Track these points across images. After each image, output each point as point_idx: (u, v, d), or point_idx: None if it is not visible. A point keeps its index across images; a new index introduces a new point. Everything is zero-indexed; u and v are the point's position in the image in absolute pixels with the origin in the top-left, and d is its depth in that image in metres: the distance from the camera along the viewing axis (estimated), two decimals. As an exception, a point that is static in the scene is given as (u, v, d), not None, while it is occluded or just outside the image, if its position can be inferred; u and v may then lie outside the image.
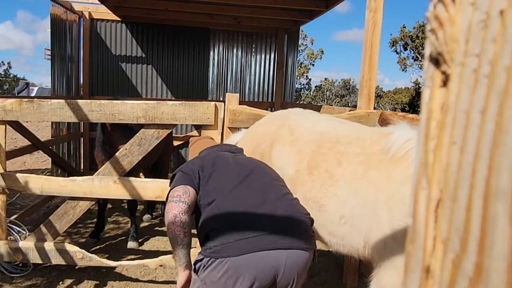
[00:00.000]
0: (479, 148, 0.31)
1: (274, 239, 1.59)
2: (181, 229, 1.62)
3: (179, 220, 1.62)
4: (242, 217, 1.65)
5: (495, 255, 0.29)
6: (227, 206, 1.68)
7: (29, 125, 10.92)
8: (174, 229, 1.61)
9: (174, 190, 1.70)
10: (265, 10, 5.54)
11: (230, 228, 1.62)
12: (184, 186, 1.70)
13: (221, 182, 1.76)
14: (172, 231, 1.62)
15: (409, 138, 1.87)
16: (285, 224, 1.67)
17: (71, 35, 5.86)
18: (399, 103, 24.58)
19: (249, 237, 1.57)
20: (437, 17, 0.34)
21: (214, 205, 1.68)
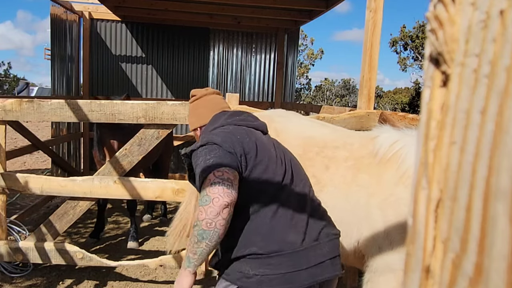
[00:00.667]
0: (479, 148, 0.31)
1: (320, 270, 1.41)
2: (225, 223, 1.29)
3: (227, 213, 1.28)
4: (292, 238, 1.39)
5: (495, 255, 0.29)
6: (277, 224, 1.39)
7: (29, 125, 10.92)
8: (217, 221, 1.26)
9: (223, 171, 1.31)
10: (265, 10, 5.54)
11: (280, 253, 1.36)
12: (233, 171, 1.34)
13: (269, 183, 1.44)
14: (212, 223, 1.26)
15: (395, 140, 1.88)
16: (329, 252, 1.45)
17: (71, 35, 5.86)
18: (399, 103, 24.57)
19: (302, 269, 1.36)
20: (437, 17, 0.34)
21: (256, 215, 1.40)
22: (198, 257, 1.33)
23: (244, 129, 1.54)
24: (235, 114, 1.62)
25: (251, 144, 1.46)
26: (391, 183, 1.79)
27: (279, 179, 1.46)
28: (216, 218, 1.27)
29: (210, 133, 1.52)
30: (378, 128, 2.05)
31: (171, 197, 2.82)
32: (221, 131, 1.49)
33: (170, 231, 2.52)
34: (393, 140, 1.88)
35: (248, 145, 1.45)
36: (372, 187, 1.84)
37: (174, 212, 5.17)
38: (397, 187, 1.76)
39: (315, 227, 1.47)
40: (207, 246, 1.30)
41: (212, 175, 1.31)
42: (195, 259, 1.34)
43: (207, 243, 1.30)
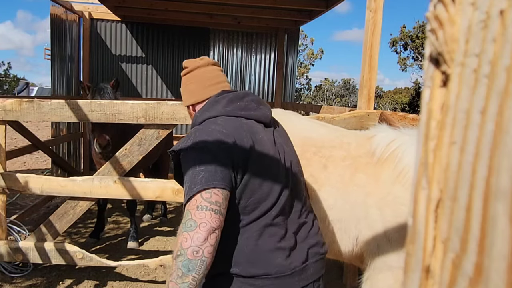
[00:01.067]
0: (479, 148, 0.31)
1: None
2: (212, 251, 1.13)
3: (215, 238, 1.13)
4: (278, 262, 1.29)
5: (495, 255, 0.29)
6: (264, 244, 1.28)
7: (29, 125, 10.92)
8: (205, 248, 1.10)
9: (211, 193, 1.16)
10: (265, 10, 5.54)
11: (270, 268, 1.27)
12: (224, 191, 1.18)
13: (262, 199, 1.29)
14: (199, 251, 1.10)
15: (391, 139, 1.89)
16: (313, 274, 1.36)
17: (71, 35, 5.86)
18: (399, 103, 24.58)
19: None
20: (437, 17, 0.34)
21: (243, 232, 1.28)
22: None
23: (242, 124, 1.34)
24: (236, 99, 1.40)
25: (248, 149, 1.27)
26: (388, 182, 1.80)
27: (274, 196, 1.30)
28: (204, 245, 1.10)
29: (204, 126, 1.32)
30: (375, 128, 2.06)
31: (171, 197, 2.82)
32: (216, 130, 1.28)
33: None
34: (390, 139, 1.89)
35: (245, 152, 1.26)
36: (370, 186, 1.85)
37: (174, 212, 5.19)
38: (394, 186, 1.78)
39: (304, 246, 1.36)
40: (194, 279, 1.10)
41: (200, 196, 1.15)
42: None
43: (194, 276, 1.10)
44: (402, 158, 1.77)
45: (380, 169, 1.85)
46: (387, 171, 1.82)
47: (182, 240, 1.12)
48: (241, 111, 1.38)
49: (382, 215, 1.79)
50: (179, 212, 5.19)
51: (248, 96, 1.45)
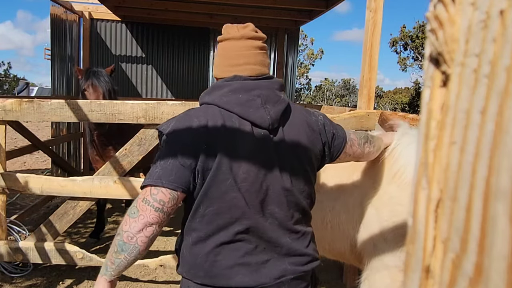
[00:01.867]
0: (479, 148, 0.31)
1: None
2: (147, 242, 1.19)
3: (151, 232, 1.18)
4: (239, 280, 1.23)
5: (495, 255, 0.29)
6: (224, 260, 1.23)
7: (29, 125, 10.92)
8: (139, 237, 1.17)
9: (159, 190, 1.17)
10: (265, 10, 5.54)
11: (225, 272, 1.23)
12: (173, 191, 1.18)
13: (222, 211, 1.23)
14: (133, 238, 1.17)
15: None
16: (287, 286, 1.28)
17: (71, 35, 5.86)
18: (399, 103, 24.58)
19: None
20: (437, 17, 0.34)
21: (203, 243, 1.25)
22: (116, 268, 1.22)
23: (229, 123, 1.23)
24: (240, 90, 1.27)
25: (217, 156, 1.19)
26: (384, 182, 1.81)
27: (239, 210, 1.22)
28: (138, 234, 1.17)
29: (191, 115, 1.25)
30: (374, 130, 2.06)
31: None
32: (194, 126, 1.21)
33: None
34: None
35: (214, 157, 1.20)
36: (367, 187, 1.86)
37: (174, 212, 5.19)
38: (390, 186, 1.79)
39: (281, 262, 1.27)
40: (125, 259, 1.19)
41: (149, 189, 1.18)
42: (112, 268, 1.22)
43: (126, 256, 1.19)
44: (398, 159, 1.78)
45: (377, 169, 1.86)
46: (383, 171, 1.83)
47: (123, 222, 1.20)
48: (238, 106, 1.25)
49: (378, 215, 1.80)
50: (179, 212, 5.18)
51: (257, 90, 1.28)
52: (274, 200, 1.27)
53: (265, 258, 1.25)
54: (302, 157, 1.33)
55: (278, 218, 1.28)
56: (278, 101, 1.30)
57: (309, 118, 1.40)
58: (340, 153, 1.49)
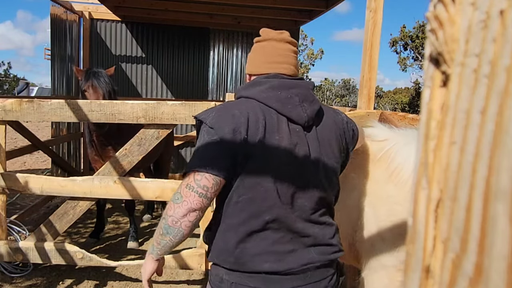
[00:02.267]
0: (479, 148, 0.31)
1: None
2: (191, 226, 1.24)
3: (194, 217, 1.23)
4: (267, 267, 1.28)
5: (495, 255, 0.29)
6: (254, 247, 1.28)
7: (29, 125, 10.92)
8: (183, 221, 1.22)
9: (203, 176, 1.21)
10: (265, 10, 5.54)
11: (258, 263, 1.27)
12: (216, 177, 1.22)
13: (257, 200, 1.28)
14: (177, 223, 1.22)
15: (385, 138, 1.90)
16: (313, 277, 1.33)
17: (71, 35, 5.86)
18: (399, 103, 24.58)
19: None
20: (437, 17, 0.34)
21: (235, 229, 1.30)
22: (161, 248, 1.31)
23: (267, 119, 1.29)
24: (279, 87, 1.33)
25: (257, 147, 1.25)
26: (381, 182, 1.82)
27: (271, 200, 1.27)
28: (182, 219, 1.23)
29: (232, 106, 1.32)
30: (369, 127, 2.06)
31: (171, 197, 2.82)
32: (237, 115, 1.26)
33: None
34: (383, 138, 1.91)
35: (253, 148, 1.25)
36: (364, 186, 1.87)
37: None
38: (387, 185, 1.79)
39: (307, 251, 1.33)
40: (171, 241, 1.27)
41: (193, 175, 1.22)
42: (159, 248, 1.32)
43: (171, 239, 1.26)
44: (395, 158, 1.78)
45: (374, 169, 1.87)
46: (380, 171, 1.84)
47: (168, 207, 1.26)
48: (277, 102, 1.31)
49: (375, 215, 1.81)
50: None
51: (296, 89, 1.35)
52: (305, 194, 1.32)
53: (292, 248, 1.30)
54: (332, 155, 1.40)
55: (306, 211, 1.33)
56: (313, 100, 1.38)
57: (336, 117, 1.48)
58: (357, 142, 1.61)
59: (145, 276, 1.42)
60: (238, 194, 1.27)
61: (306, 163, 1.32)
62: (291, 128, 1.31)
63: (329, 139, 1.40)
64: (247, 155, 1.24)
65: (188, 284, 3.27)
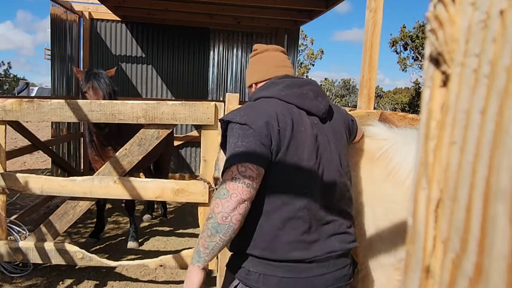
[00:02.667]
0: (479, 148, 0.31)
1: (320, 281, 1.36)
2: (241, 219, 1.24)
3: (244, 208, 1.24)
4: (296, 255, 1.34)
5: (495, 255, 0.29)
6: (285, 236, 1.33)
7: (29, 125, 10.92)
8: (233, 215, 1.22)
9: (247, 167, 1.25)
10: (265, 10, 5.53)
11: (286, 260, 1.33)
12: (259, 167, 1.26)
13: (288, 189, 1.34)
14: (228, 217, 1.22)
15: (384, 137, 1.91)
16: (334, 265, 1.40)
17: (71, 35, 5.86)
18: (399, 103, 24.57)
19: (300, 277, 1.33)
20: (437, 17, 0.34)
21: (267, 219, 1.34)
22: (210, 252, 1.26)
23: (291, 112, 1.38)
24: (294, 85, 1.45)
25: (287, 138, 1.33)
26: (379, 180, 1.82)
27: (299, 189, 1.34)
28: (233, 213, 1.23)
29: (256, 104, 1.41)
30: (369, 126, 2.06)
31: (171, 197, 2.82)
32: (266, 110, 1.34)
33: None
34: (382, 137, 1.92)
35: (285, 139, 1.32)
36: (361, 185, 1.88)
37: (174, 212, 5.19)
38: (385, 184, 1.80)
39: (329, 240, 1.39)
40: (221, 240, 1.25)
41: (236, 168, 1.25)
42: (206, 253, 1.27)
43: (221, 237, 1.24)
44: (393, 157, 1.79)
45: (372, 168, 1.87)
46: (378, 170, 1.85)
47: (214, 206, 1.25)
48: (296, 98, 1.43)
49: (373, 213, 1.81)
50: (179, 212, 5.19)
51: (308, 85, 1.49)
52: (328, 180, 1.41)
53: (317, 237, 1.37)
54: (344, 144, 1.54)
55: (330, 198, 1.41)
56: (324, 95, 1.53)
57: (339, 110, 1.65)
58: (356, 135, 1.78)
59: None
60: (272, 182, 1.32)
61: (327, 151, 1.43)
62: (311, 120, 1.43)
63: (340, 130, 1.54)
64: (280, 145, 1.32)
65: (188, 284, 3.27)
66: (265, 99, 1.45)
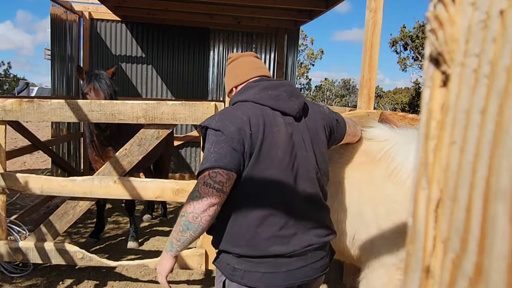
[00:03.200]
0: (479, 148, 0.31)
1: (299, 274, 1.45)
2: (210, 220, 1.36)
3: (213, 211, 1.35)
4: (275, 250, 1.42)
5: (495, 255, 0.29)
6: (263, 232, 1.41)
7: (29, 125, 10.92)
8: (203, 216, 1.33)
9: (217, 172, 1.34)
10: (265, 10, 5.53)
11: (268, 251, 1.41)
12: (229, 172, 1.35)
13: (263, 188, 1.43)
14: (198, 217, 1.33)
15: (385, 138, 1.93)
16: (312, 257, 1.49)
17: (71, 35, 5.86)
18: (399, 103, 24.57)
19: (280, 271, 1.42)
20: (437, 17, 0.34)
21: (245, 217, 1.42)
22: (181, 244, 1.41)
23: (264, 114, 1.45)
24: (269, 88, 1.53)
25: (259, 140, 1.40)
26: (380, 181, 1.83)
27: (275, 187, 1.42)
28: (203, 214, 1.34)
29: (231, 110, 1.48)
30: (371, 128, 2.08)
31: (171, 197, 2.82)
32: (239, 116, 1.42)
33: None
34: (384, 138, 1.93)
35: (257, 141, 1.40)
36: (363, 185, 1.89)
37: (174, 212, 5.19)
38: (386, 184, 1.80)
39: (307, 234, 1.47)
40: (191, 236, 1.37)
41: (207, 174, 1.34)
42: (178, 245, 1.42)
43: (191, 234, 1.37)
44: (395, 158, 1.80)
45: (373, 168, 1.88)
46: (379, 170, 1.86)
47: (187, 205, 1.36)
48: (270, 100, 1.50)
49: (375, 213, 1.82)
50: (179, 212, 5.18)
51: (282, 87, 1.56)
52: (304, 177, 1.48)
53: (295, 231, 1.45)
54: (320, 141, 1.59)
55: (308, 193, 1.49)
56: (299, 95, 1.59)
57: (318, 109, 1.68)
58: (344, 134, 1.80)
59: (163, 274, 1.47)
60: (247, 184, 1.40)
61: (302, 149, 1.50)
62: (285, 121, 1.49)
63: (316, 127, 1.59)
64: (253, 148, 1.39)
65: (188, 284, 3.27)
66: (241, 103, 1.52)
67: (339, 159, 2.02)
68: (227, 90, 1.72)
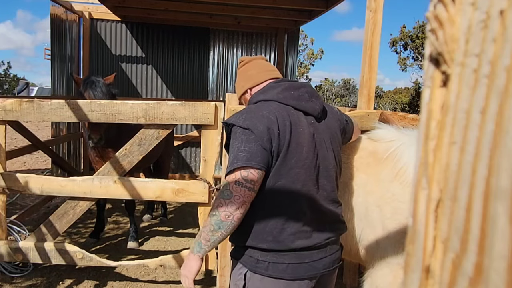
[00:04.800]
0: (479, 148, 0.31)
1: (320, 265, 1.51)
2: (241, 218, 1.38)
3: (244, 209, 1.37)
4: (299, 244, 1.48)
5: (495, 255, 0.29)
6: (289, 228, 1.46)
7: (29, 125, 10.92)
8: (235, 216, 1.36)
9: (249, 172, 1.36)
10: (265, 10, 5.53)
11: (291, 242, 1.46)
12: (259, 171, 1.37)
13: (289, 186, 1.46)
14: (230, 216, 1.35)
15: (392, 139, 1.93)
16: (330, 249, 1.56)
17: (71, 35, 5.86)
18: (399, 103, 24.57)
19: (304, 262, 1.47)
20: (437, 17, 0.34)
21: (272, 214, 1.46)
22: (211, 244, 1.41)
23: (289, 114, 1.49)
24: (291, 88, 1.56)
25: (287, 140, 1.43)
26: (387, 181, 1.84)
27: (299, 184, 1.46)
28: (235, 212, 1.36)
29: (257, 108, 1.49)
30: (377, 128, 2.09)
31: (171, 197, 2.82)
32: (266, 115, 1.43)
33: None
34: (390, 139, 1.94)
35: (284, 140, 1.43)
36: (370, 185, 1.89)
37: (174, 212, 5.19)
38: (392, 184, 1.81)
39: (326, 228, 1.54)
40: (222, 235, 1.39)
41: (239, 173, 1.36)
42: (207, 245, 1.42)
43: (222, 233, 1.38)
44: (401, 158, 1.81)
45: (380, 168, 1.89)
46: (386, 170, 1.86)
47: (218, 204, 1.37)
48: (293, 100, 1.54)
49: (381, 213, 1.83)
50: (179, 212, 5.19)
51: (303, 88, 1.60)
52: (324, 175, 1.54)
53: (316, 226, 1.51)
54: (337, 140, 1.66)
55: (327, 190, 1.55)
56: (318, 96, 1.64)
57: (332, 110, 1.74)
58: (352, 135, 1.88)
59: (191, 277, 1.46)
60: (274, 181, 1.43)
61: (323, 148, 1.55)
62: (307, 120, 1.54)
63: (334, 127, 1.65)
64: (281, 147, 1.43)
65: (188, 284, 3.27)
66: (265, 102, 1.54)
67: (346, 159, 2.03)
68: (240, 92, 1.72)
